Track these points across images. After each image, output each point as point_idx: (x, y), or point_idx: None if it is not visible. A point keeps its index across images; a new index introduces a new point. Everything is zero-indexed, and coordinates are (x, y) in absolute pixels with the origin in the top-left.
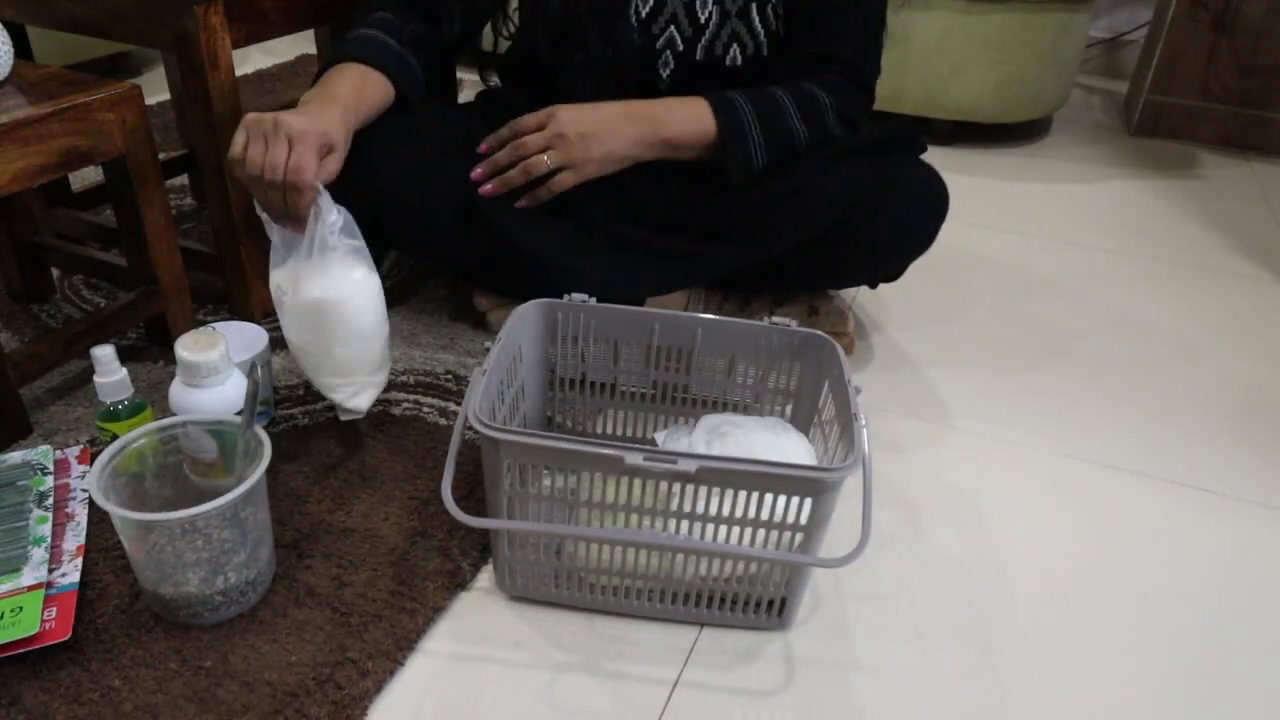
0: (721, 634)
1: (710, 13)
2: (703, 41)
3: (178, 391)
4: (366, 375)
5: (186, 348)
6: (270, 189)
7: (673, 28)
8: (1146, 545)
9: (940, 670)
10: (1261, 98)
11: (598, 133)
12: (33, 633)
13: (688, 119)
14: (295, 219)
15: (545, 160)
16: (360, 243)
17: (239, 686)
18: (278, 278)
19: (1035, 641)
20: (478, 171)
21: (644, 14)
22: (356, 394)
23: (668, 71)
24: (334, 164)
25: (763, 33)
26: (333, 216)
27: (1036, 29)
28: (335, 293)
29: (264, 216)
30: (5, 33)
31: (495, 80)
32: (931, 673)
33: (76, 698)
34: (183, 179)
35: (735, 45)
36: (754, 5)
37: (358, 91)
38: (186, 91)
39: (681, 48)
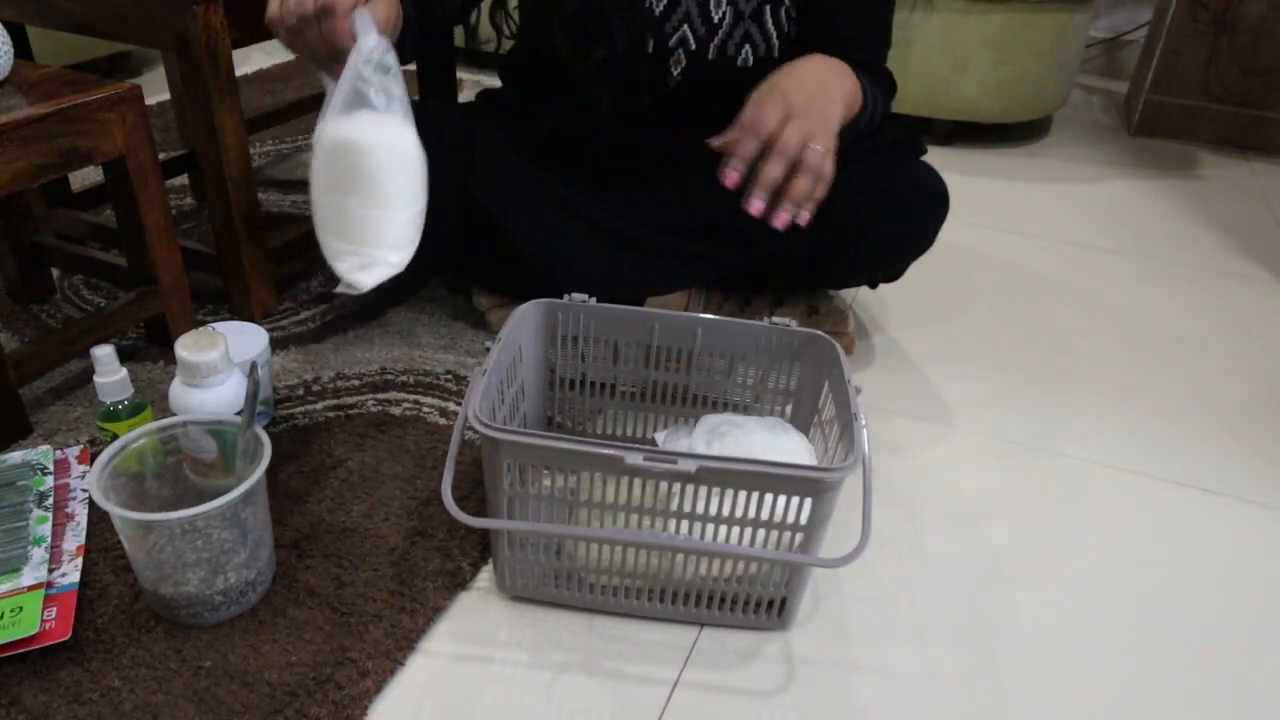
0: (721, 634)
1: (724, 12)
2: (715, 41)
3: (178, 391)
4: (381, 249)
5: (186, 348)
6: (306, 25)
7: (686, 26)
8: (1146, 545)
9: (940, 670)
10: (1261, 98)
11: (825, 103)
12: (33, 633)
13: (853, 81)
14: (334, 53)
15: (818, 150)
16: (401, 90)
17: (239, 686)
18: (318, 128)
19: (1035, 641)
20: (758, 205)
21: (658, 11)
22: (364, 267)
23: (679, 70)
24: (382, 7)
25: (775, 34)
26: (370, 43)
27: (1036, 29)
28: (360, 136)
29: (317, 75)
30: (5, 33)
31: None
32: (931, 673)
33: (76, 698)
34: (183, 179)
35: (748, 46)
36: (768, 7)
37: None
38: (186, 91)
39: (694, 47)
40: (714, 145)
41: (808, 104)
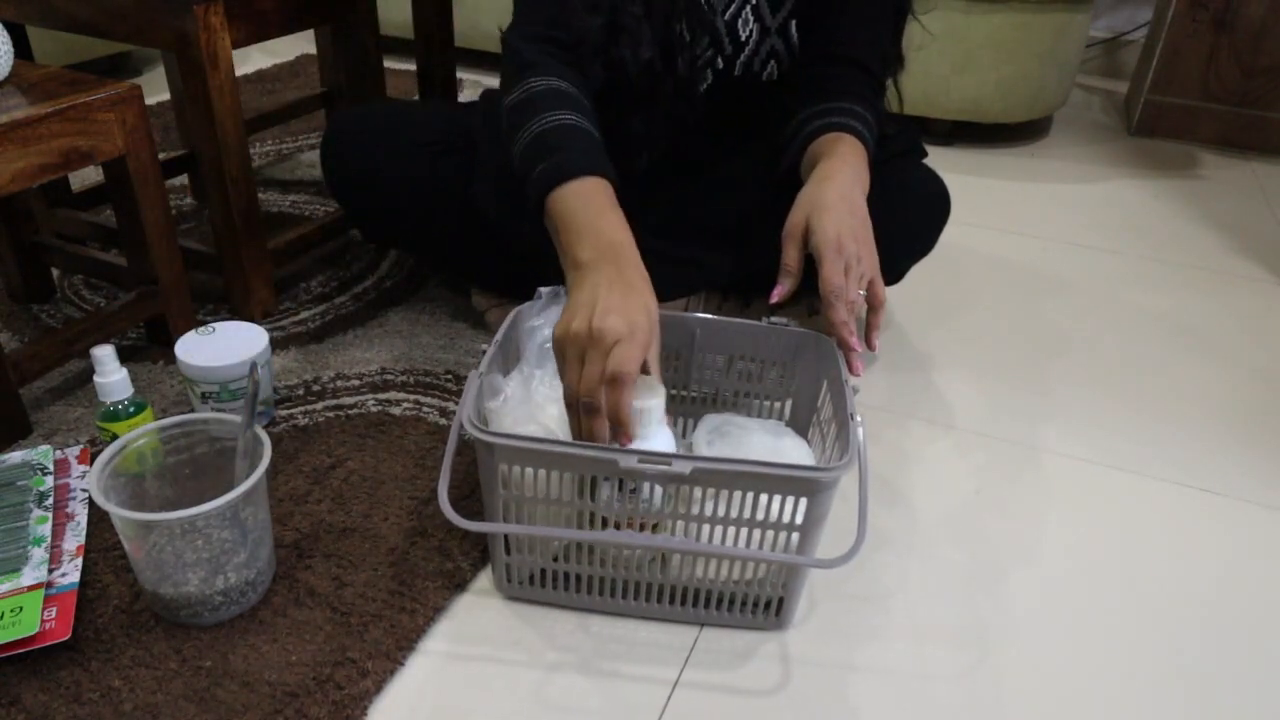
0: (720, 634)
1: (751, 29)
2: (742, 58)
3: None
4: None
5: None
6: (584, 412)
7: (714, 46)
8: (1146, 545)
9: (937, 670)
10: (1261, 98)
11: (868, 236)
12: (33, 633)
13: (864, 163)
14: (620, 434)
15: (879, 295)
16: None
17: (239, 686)
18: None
19: (1033, 642)
20: (859, 367)
21: (689, 36)
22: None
23: (704, 87)
24: (653, 349)
25: (799, 48)
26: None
27: (1036, 29)
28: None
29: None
30: (5, 33)
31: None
32: (928, 673)
33: (76, 698)
34: (183, 179)
35: (773, 61)
36: (792, 22)
37: (623, 217)
38: (186, 91)
39: (721, 65)
40: (773, 304)
41: (856, 244)
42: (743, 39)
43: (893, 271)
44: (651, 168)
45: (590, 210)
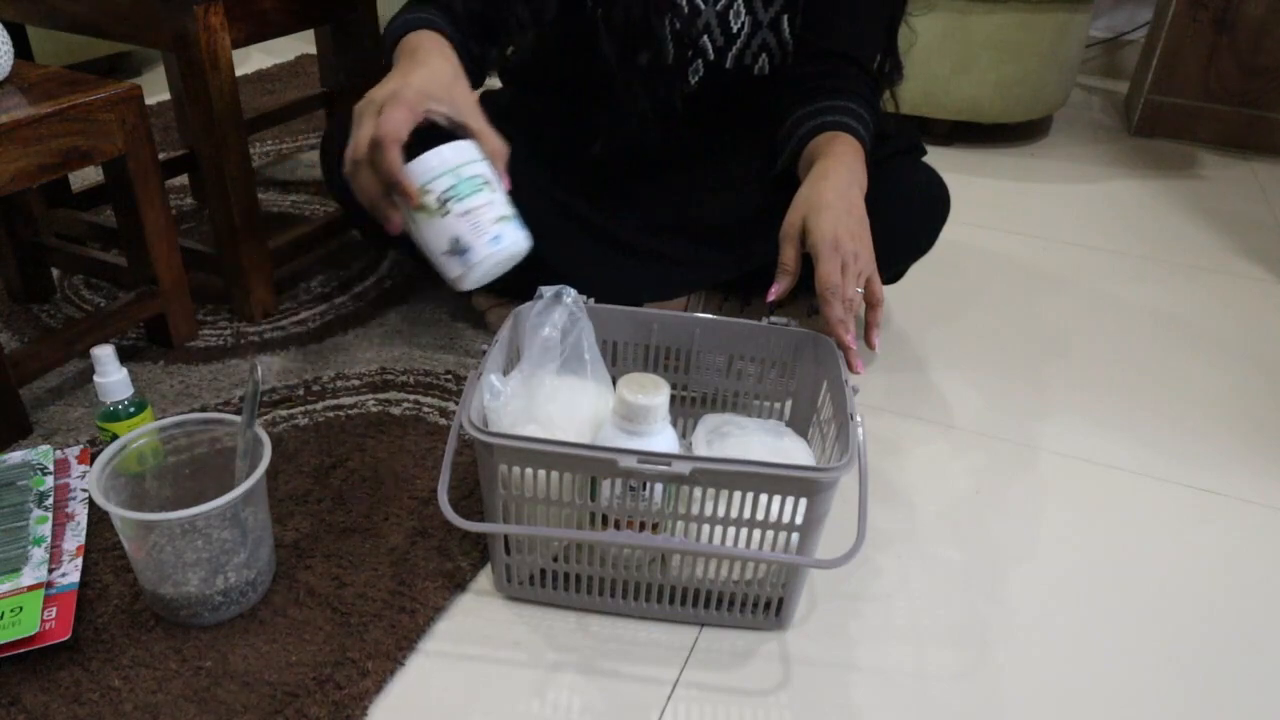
0: (720, 634)
1: (743, 22)
2: (733, 50)
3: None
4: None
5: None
6: (359, 168)
7: (705, 36)
8: (1146, 545)
9: (937, 670)
10: (1261, 98)
11: (865, 235)
12: (33, 633)
13: (860, 160)
14: (388, 199)
15: (877, 294)
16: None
17: (239, 686)
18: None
19: (1033, 641)
20: (859, 366)
21: (679, 23)
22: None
23: (696, 79)
24: (460, 102)
25: (791, 44)
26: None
27: (1036, 29)
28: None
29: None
30: (5, 33)
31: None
32: (928, 673)
33: (76, 698)
34: (183, 179)
35: (764, 55)
36: (785, 16)
37: (442, 48)
38: (186, 91)
39: (713, 56)
40: (769, 301)
41: (854, 243)
42: (734, 31)
43: (892, 270)
44: (653, 167)
45: (411, 40)
